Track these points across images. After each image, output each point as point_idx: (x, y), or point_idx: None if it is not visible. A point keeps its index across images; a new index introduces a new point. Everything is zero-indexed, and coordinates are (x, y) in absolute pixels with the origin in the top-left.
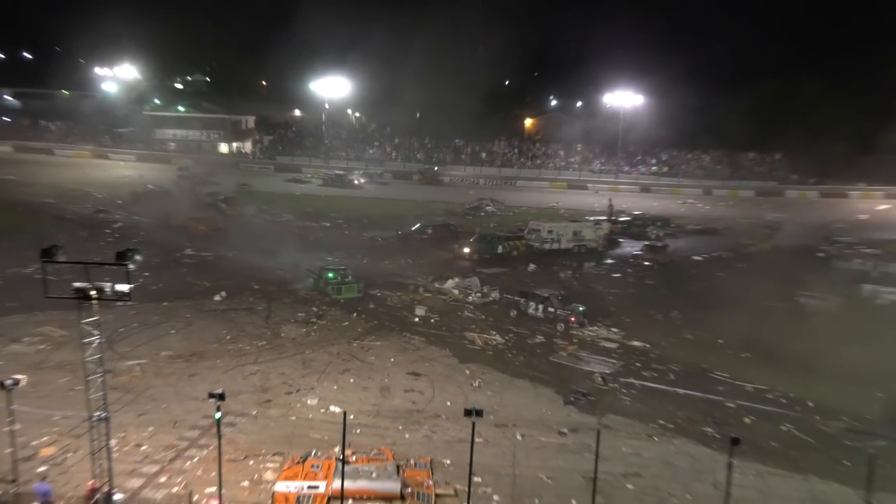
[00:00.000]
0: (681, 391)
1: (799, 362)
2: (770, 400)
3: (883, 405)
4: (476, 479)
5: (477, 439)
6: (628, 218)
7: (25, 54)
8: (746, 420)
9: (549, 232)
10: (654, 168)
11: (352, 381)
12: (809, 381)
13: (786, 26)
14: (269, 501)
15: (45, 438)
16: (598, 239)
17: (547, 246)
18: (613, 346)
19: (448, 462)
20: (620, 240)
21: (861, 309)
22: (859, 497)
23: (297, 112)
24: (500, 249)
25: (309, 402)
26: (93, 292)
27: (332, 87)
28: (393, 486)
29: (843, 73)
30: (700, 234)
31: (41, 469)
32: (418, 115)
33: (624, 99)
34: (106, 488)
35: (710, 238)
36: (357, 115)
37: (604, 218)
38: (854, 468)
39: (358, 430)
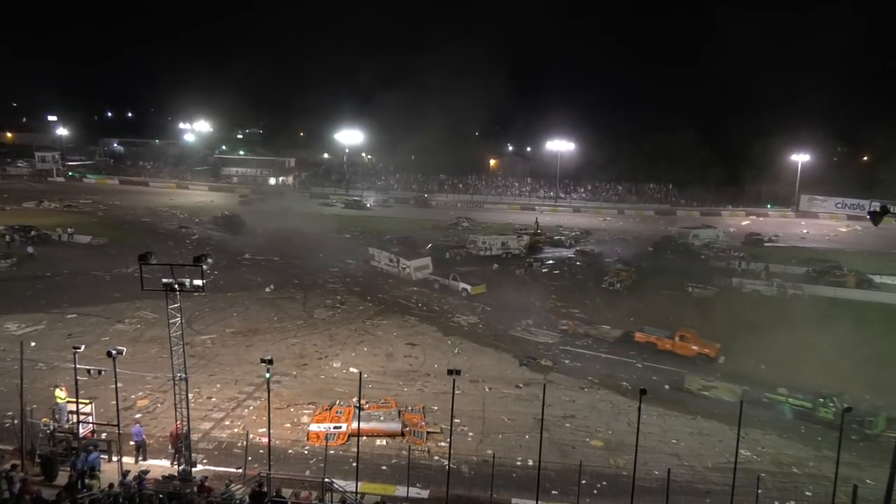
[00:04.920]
0: (603, 355)
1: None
2: (668, 361)
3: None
4: (456, 420)
5: (456, 391)
6: (538, 232)
7: (129, 113)
8: (654, 378)
9: (483, 242)
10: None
11: (365, 349)
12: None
13: (674, 95)
14: (305, 438)
15: (140, 393)
16: (521, 247)
17: (482, 253)
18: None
19: (436, 408)
20: (544, 247)
21: (731, 296)
22: (732, 431)
23: (326, 155)
24: (447, 255)
25: (334, 365)
26: (176, 286)
27: (351, 137)
28: (396, 426)
29: (713, 129)
30: (616, 241)
31: (137, 416)
32: (413, 157)
33: (560, 145)
34: (183, 429)
35: (625, 244)
36: (369, 156)
37: (531, 231)
38: (729, 409)
39: (370, 386)
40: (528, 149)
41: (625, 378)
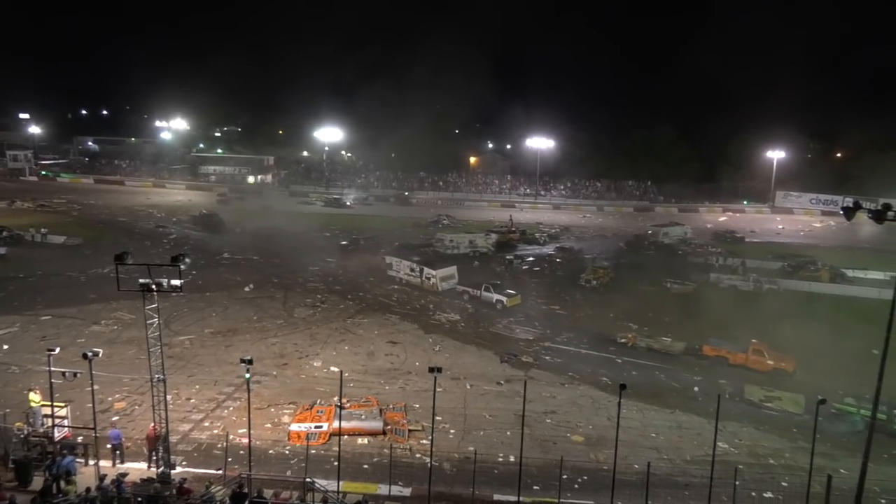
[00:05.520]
0: (584, 351)
1: (668, 329)
2: (647, 356)
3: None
4: (437, 417)
5: (438, 389)
6: (512, 229)
7: (103, 111)
8: (633, 372)
9: (451, 241)
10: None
11: (346, 348)
12: (675, 343)
13: (652, 93)
14: (286, 438)
15: (117, 396)
16: (489, 245)
17: (449, 251)
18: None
19: (417, 406)
20: (518, 245)
21: (709, 291)
22: (710, 424)
23: (305, 153)
24: (415, 256)
25: (315, 364)
26: (153, 286)
27: (330, 134)
28: (377, 424)
29: (690, 126)
30: (595, 238)
31: (115, 419)
32: (393, 154)
33: (540, 143)
34: (161, 431)
35: (604, 241)
36: (349, 154)
37: (504, 229)
38: (707, 404)
39: (351, 384)
40: (508, 146)
41: (605, 374)
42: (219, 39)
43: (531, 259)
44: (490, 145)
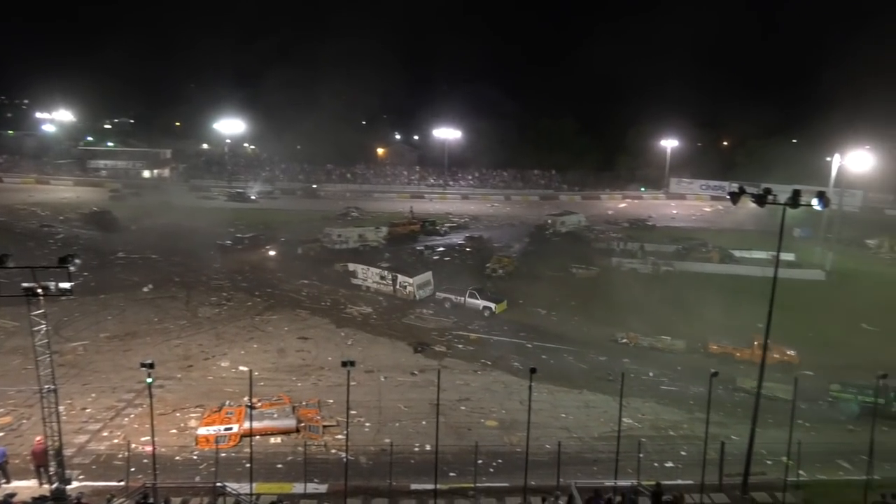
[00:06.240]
0: (495, 338)
1: (574, 311)
2: (556, 340)
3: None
4: (352, 411)
5: (352, 383)
6: (413, 221)
7: None
8: (543, 356)
9: (339, 236)
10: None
11: (255, 346)
12: (582, 324)
13: (555, 85)
14: (194, 442)
15: (1, 410)
16: (379, 239)
17: (338, 247)
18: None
19: (331, 401)
20: (419, 236)
21: (611, 275)
22: (616, 402)
23: (205, 145)
24: (299, 251)
25: (222, 364)
26: (39, 290)
27: (231, 126)
28: (290, 422)
29: (591, 117)
30: (504, 226)
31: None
32: (298, 146)
33: (447, 133)
34: (54, 445)
35: (512, 229)
36: (252, 146)
37: (404, 220)
38: (613, 384)
39: (262, 383)
40: (416, 137)
41: (516, 359)
42: (106, 23)
43: (441, 249)
44: (398, 136)
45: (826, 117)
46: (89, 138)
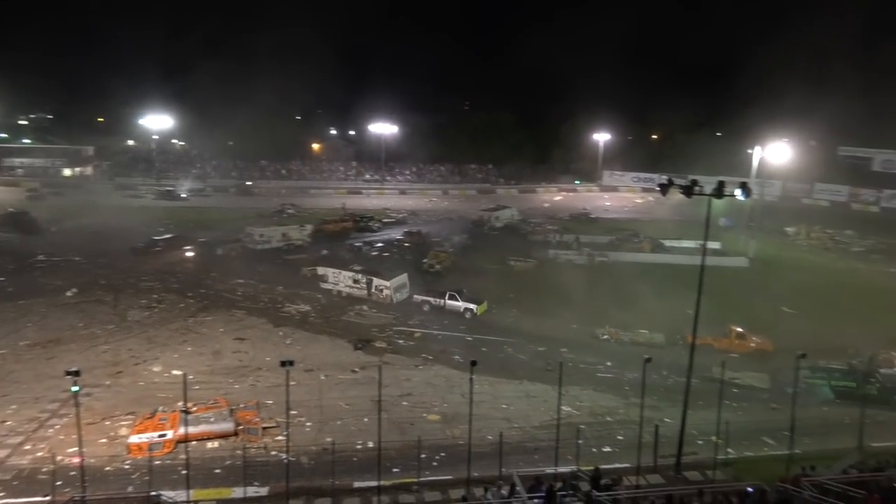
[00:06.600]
0: (436, 332)
1: (512, 304)
2: (495, 332)
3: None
4: (293, 412)
5: (291, 383)
6: (345, 218)
7: None
8: (483, 349)
9: (261, 235)
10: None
11: (189, 349)
12: (519, 316)
13: (491, 80)
14: (126, 451)
15: None
16: (304, 238)
17: (260, 247)
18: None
19: (271, 402)
20: (351, 233)
21: (548, 266)
22: (555, 391)
23: (131, 142)
24: (219, 251)
25: (154, 369)
26: None
27: (159, 122)
28: (228, 426)
29: (527, 111)
30: (443, 220)
31: None
32: (231, 142)
33: (383, 128)
34: None
35: (451, 223)
36: (181, 143)
37: (336, 218)
38: (553, 374)
39: (197, 387)
40: (352, 132)
41: (457, 352)
42: (20, 13)
43: (380, 245)
44: (333, 131)
45: (747, 111)
46: (3, 135)
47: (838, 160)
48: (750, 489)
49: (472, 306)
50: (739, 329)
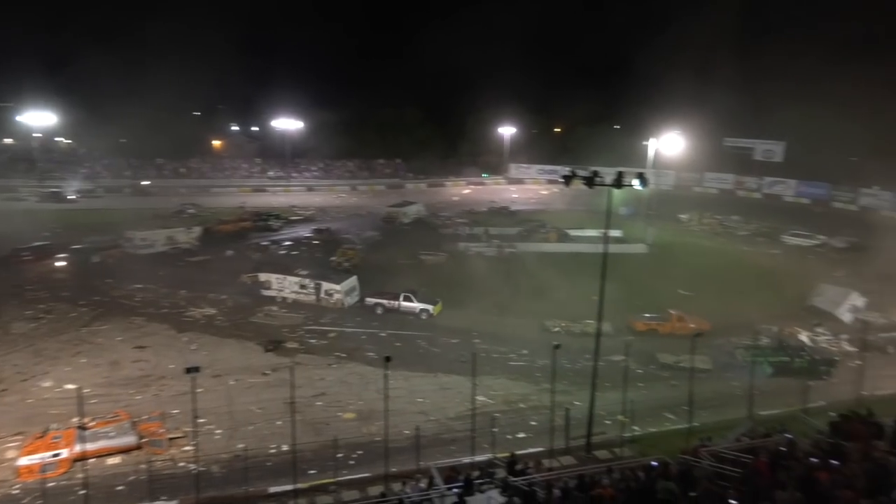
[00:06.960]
0: (349, 329)
1: (427, 298)
2: (408, 326)
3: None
4: (201, 420)
5: (198, 390)
6: (244, 217)
7: None
8: (397, 344)
9: (143, 239)
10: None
11: (84, 361)
12: (435, 310)
13: (397, 75)
14: (14, 475)
15: None
16: (192, 241)
17: (142, 251)
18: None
19: (177, 411)
20: (250, 233)
21: (459, 259)
22: (469, 381)
23: (10, 140)
24: (96, 258)
25: (44, 384)
26: None
27: (41, 119)
28: (130, 439)
29: (433, 105)
30: (352, 217)
31: None
32: (123, 140)
33: (287, 124)
34: None
35: (361, 219)
36: (67, 140)
37: (235, 218)
38: (466, 365)
39: (94, 401)
40: (255, 128)
41: (371, 349)
42: None
43: (288, 243)
44: (235, 127)
45: (642, 105)
46: None
47: (724, 150)
48: (654, 463)
49: (428, 307)
50: (678, 313)
